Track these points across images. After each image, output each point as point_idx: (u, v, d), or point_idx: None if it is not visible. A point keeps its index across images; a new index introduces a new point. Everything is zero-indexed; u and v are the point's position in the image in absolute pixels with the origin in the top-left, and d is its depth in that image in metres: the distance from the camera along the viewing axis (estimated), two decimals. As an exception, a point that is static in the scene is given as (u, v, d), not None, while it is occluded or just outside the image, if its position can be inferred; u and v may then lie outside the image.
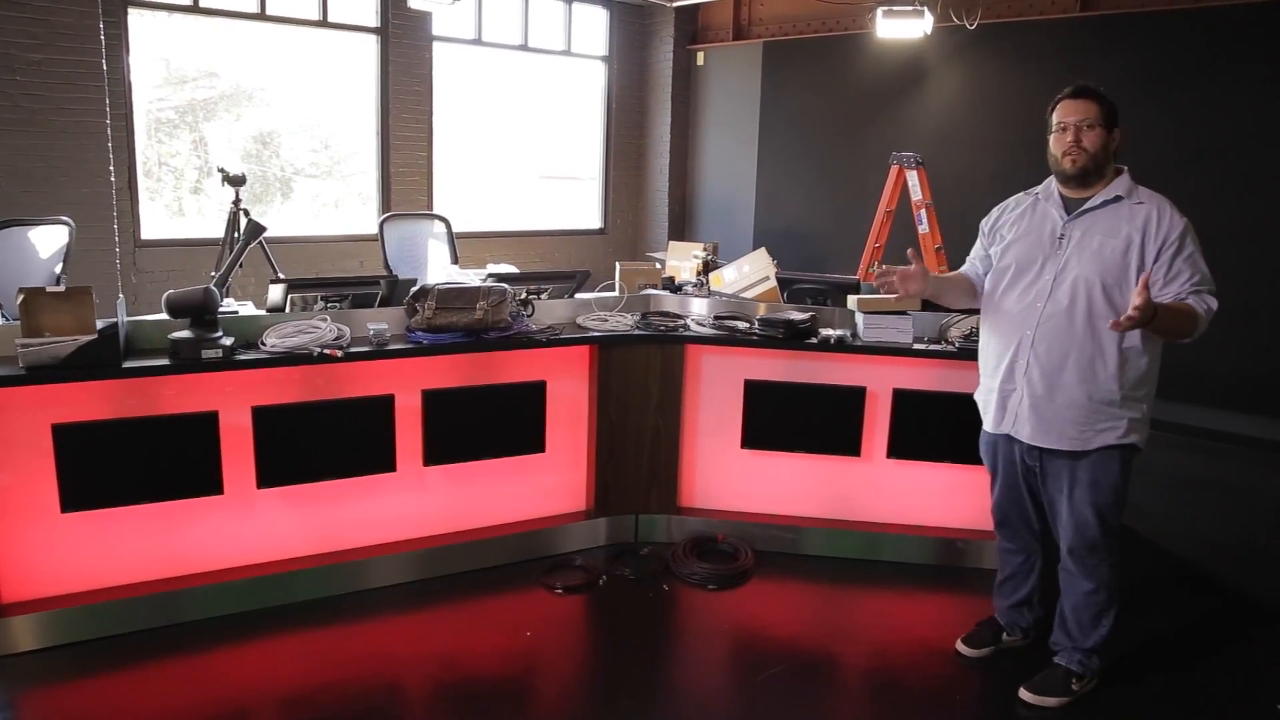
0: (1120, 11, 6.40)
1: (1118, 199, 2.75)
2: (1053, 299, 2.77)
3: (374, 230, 7.12)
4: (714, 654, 3.27)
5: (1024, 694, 2.92)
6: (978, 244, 3.11)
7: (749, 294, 4.94)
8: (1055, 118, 2.82)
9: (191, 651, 3.07)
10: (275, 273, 5.93)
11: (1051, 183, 2.91)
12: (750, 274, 5.13)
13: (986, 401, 3.00)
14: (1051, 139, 2.84)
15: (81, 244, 5.42)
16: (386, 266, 5.58)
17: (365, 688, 2.92)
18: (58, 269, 4.66)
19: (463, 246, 6.10)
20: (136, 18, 6.58)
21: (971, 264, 3.13)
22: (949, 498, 3.91)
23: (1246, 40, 5.79)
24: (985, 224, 3.09)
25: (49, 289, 2.94)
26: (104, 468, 3.05)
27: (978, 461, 3.73)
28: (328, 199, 8.10)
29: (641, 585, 3.64)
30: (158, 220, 7.04)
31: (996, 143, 6.99)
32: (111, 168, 6.29)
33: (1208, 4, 5.98)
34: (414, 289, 3.56)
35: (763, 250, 5.31)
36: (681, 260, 6.53)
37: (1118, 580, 2.90)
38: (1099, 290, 2.71)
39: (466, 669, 3.05)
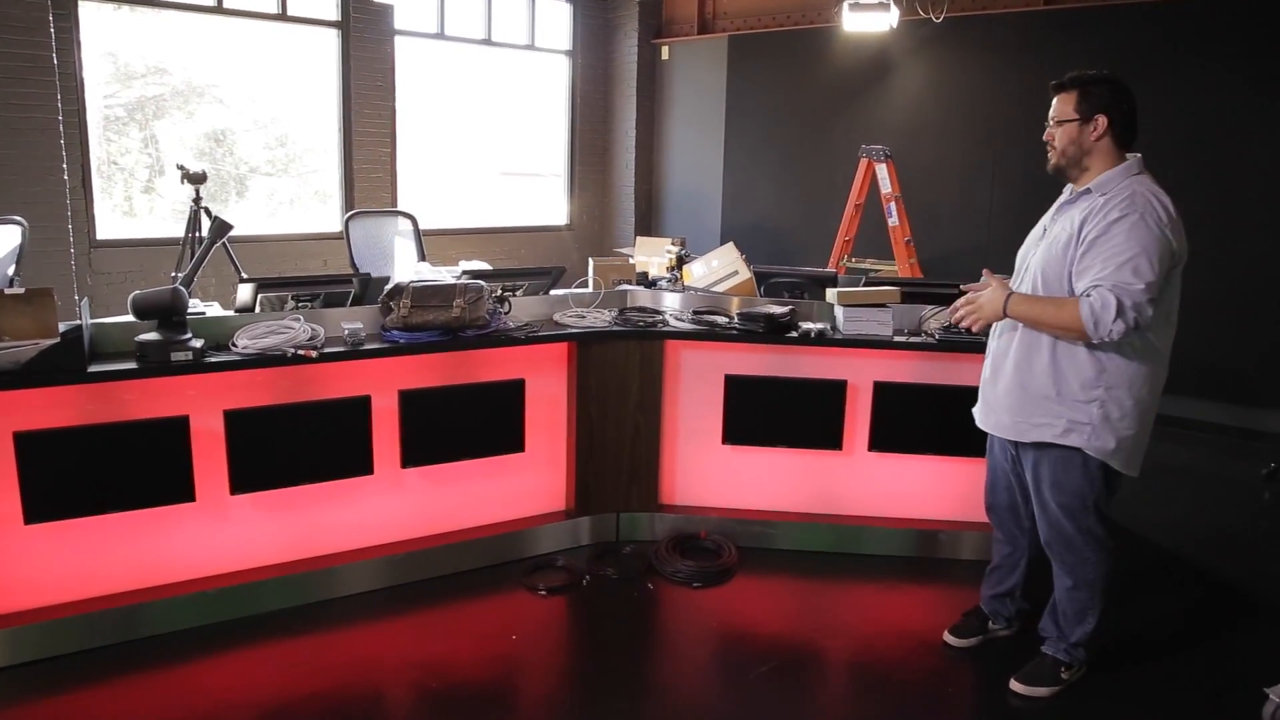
0: (1083, 5, 6.46)
1: (1088, 192, 2.70)
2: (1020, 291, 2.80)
3: (335, 228, 7.00)
4: (702, 652, 3.24)
5: (1015, 685, 2.93)
6: None
7: (718, 288, 4.90)
8: None
9: (166, 665, 2.97)
10: (239, 272, 5.79)
11: None
12: (719, 268, 5.10)
13: None
14: None
15: (35, 244, 5.24)
16: (353, 265, 5.47)
17: (348, 697, 2.84)
18: (10, 270, 4.49)
19: (428, 244, 5.99)
20: (87, 11, 6.37)
21: None
22: (931, 489, 3.91)
23: (1207, 33, 5.88)
24: None
25: (7, 291, 2.82)
26: (70, 477, 2.94)
27: (958, 453, 3.77)
28: (284, 197, 7.92)
29: (625, 584, 3.60)
30: (109, 220, 6.82)
31: (964, 135, 7.04)
32: (65, 165, 6.09)
33: (1168, -3, 6.07)
34: (388, 287, 3.48)
35: (731, 245, 5.27)
36: (650, 256, 6.48)
37: (1105, 582, 2.88)
38: (1041, 285, 2.72)
39: (451, 674, 2.98)
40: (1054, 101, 2.76)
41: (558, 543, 3.85)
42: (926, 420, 3.79)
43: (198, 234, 5.73)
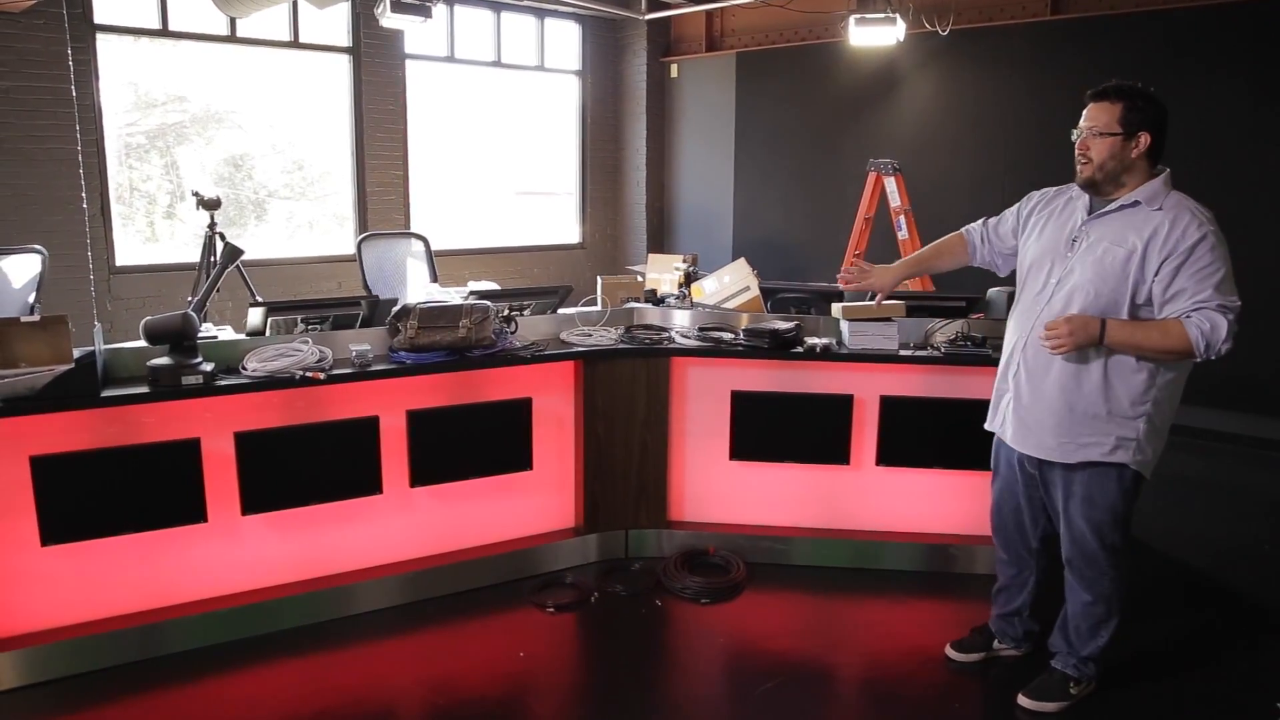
0: (1090, 14, 6.47)
1: (1135, 204, 2.63)
2: (1051, 304, 2.73)
3: (351, 251, 7.06)
4: (710, 669, 3.25)
5: (1023, 700, 2.91)
6: (1013, 210, 3.01)
7: (730, 304, 4.92)
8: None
9: (179, 683, 3.01)
10: (253, 296, 5.87)
11: None
12: (731, 284, 5.12)
13: (992, 397, 3.00)
14: None
15: (55, 272, 5.33)
16: (365, 287, 5.53)
17: (358, 714, 2.87)
18: (31, 298, 4.58)
19: (441, 264, 6.06)
20: (105, 43, 6.51)
21: (983, 224, 3.09)
22: (940, 504, 3.90)
23: (1215, 41, 5.87)
24: (1025, 204, 2.97)
25: (24, 319, 2.89)
26: (84, 499, 2.99)
27: (967, 466, 3.76)
28: (302, 220, 8.04)
29: (634, 601, 3.61)
30: (131, 246, 6.96)
31: (973, 147, 7.04)
32: (84, 194, 6.22)
33: (1176, 5, 6.06)
34: (396, 309, 3.53)
35: (742, 260, 5.29)
36: (662, 273, 6.53)
37: (1120, 595, 2.86)
38: (1093, 300, 2.63)
39: (460, 692, 3.01)
40: (1091, 109, 2.65)
41: (566, 560, 3.87)
42: (934, 434, 3.79)
43: (213, 259, 5.82)
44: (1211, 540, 4.32)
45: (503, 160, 9.03)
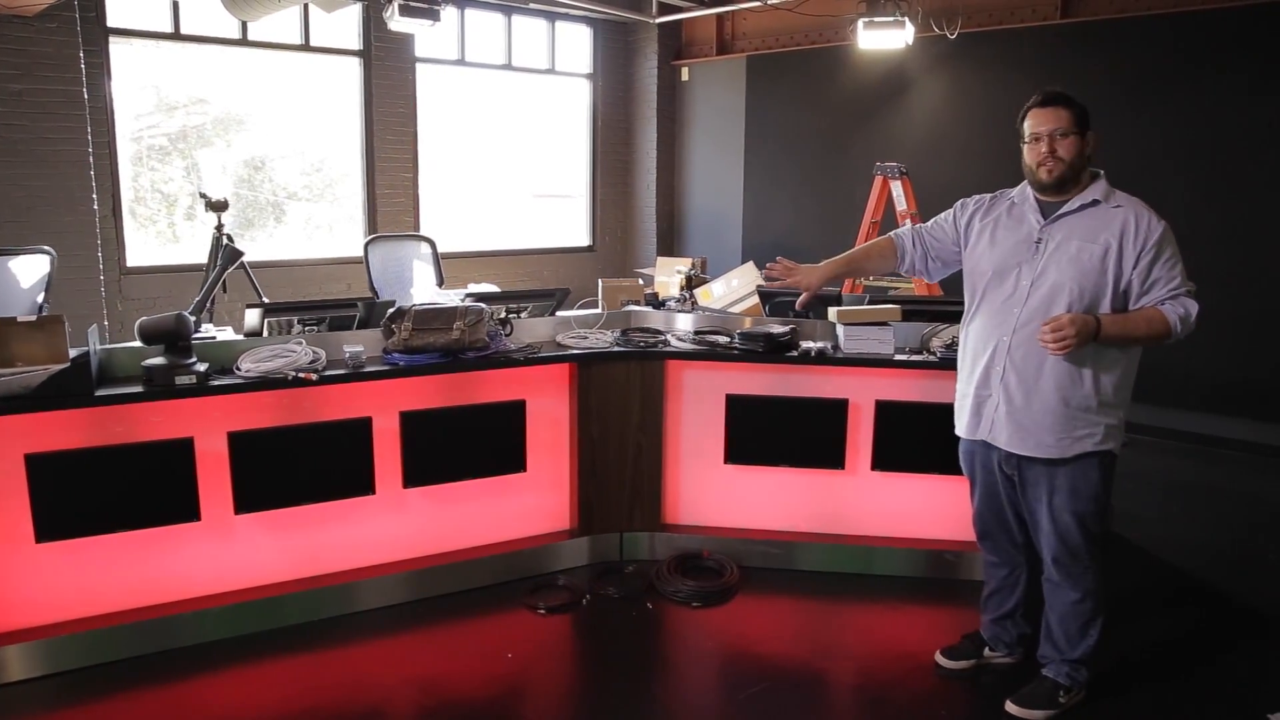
0: (1100, 18, 6.42)
1: (1095, 203, 2.72)
2: (1028, 305, 2.74)
3: (360, 252, 7.13)
4: (699, 672, 3.24)
5: (1010, 707, 2.89)
6: (947, 217, 3.06)
7: (738, 308, 4.92)
8: (1027, 127, 2.79)
9: (173, 679, 3.05)
10: (260, 297, 5.91)
11: (1027, 187, 2.88)
12: (739, 288, 5.12)
13: (961, 407, 2.99)
14: (1025, 149, 2.81)
15: (65, 273, 5.41)
16: (371, 289, 5.56)
17: (345, 714, 2.89)
18: (39, 298, 4.64)
19: (450, 267, 6.08)
20: (119, 46, 6.59)
21: (913, 229, 3.13)
22: (935, 509, 3.88)
23: (1226, 44, 5.81)
24: (961, 212, 3.04)
25: (20, 318, 2.93)
26: (78, 497, 3.03)
27: (962, 472, 3.73)
28: (320, 222, 8.09)
29: (625, 604, 3.61)
30: (149, 247, 7.03)
31: (980, 151, 7.00)
32: (95, 196, 6.29)
33: (1187, 9, 6.00)
34: (391, 310, 3.55)
35: (750, 264, 5.29)
36: (669, 276, 6.52)
37: (1103, 588, 2.87)
38: (1077, 297, 2.68)
39: (448, 693, 3.02)
40: (1045, 113, 2.74)
41: (560, 562, 3.88)
42: (930, 439, 3.75)
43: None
44: (1218, 547, 4.27)
45: (513, 163, 9.05)
